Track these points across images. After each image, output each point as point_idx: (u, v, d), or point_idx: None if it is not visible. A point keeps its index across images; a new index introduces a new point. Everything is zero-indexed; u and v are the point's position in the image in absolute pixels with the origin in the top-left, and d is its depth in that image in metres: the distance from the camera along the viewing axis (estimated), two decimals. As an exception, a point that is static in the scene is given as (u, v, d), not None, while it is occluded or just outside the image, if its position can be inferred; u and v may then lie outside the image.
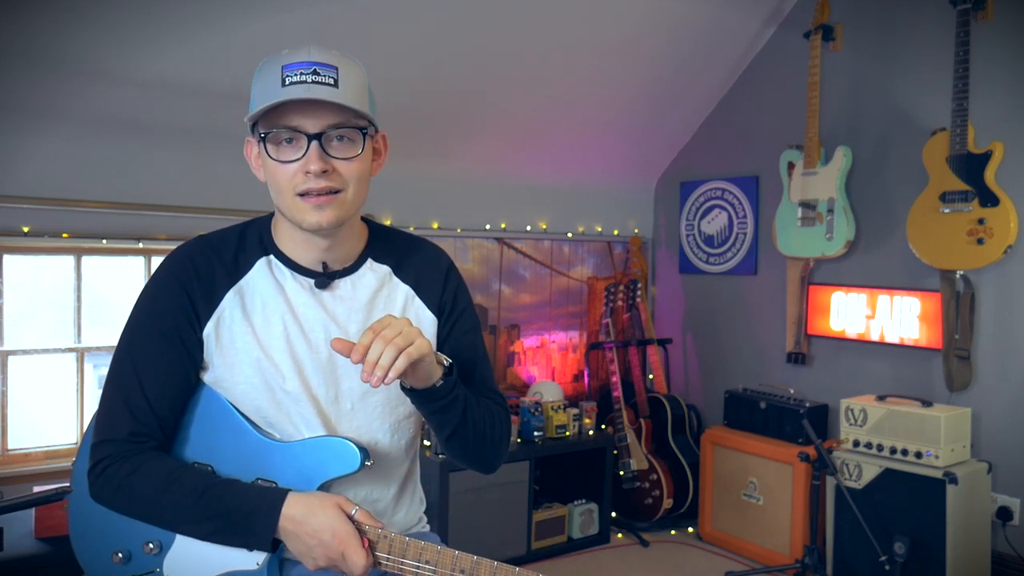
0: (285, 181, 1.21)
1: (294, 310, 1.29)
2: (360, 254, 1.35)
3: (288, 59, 1.19)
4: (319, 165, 1.19)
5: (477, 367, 1.42)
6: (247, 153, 1.30)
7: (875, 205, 3.53)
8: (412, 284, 1.38)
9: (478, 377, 1.41)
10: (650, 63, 3.83)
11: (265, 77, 1.20)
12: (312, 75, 1.17)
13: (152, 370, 1.24)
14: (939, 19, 3.24)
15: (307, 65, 1.18)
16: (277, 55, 1.21)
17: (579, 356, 4.48)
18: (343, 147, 1.22)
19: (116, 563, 1.28)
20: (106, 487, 1.22)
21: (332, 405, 1.30)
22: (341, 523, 1.16)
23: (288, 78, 1.17)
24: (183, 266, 1.27)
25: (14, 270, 2.97)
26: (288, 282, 1.30)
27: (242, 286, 1.29)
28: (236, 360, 1.26)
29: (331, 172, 1.20)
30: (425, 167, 3.80)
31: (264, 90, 1.19)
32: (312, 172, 1.19)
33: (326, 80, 1.18)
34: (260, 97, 1.19)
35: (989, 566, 3.02)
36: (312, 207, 1.21)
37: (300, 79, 1.17)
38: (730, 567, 3.53)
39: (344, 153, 1.22)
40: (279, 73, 1.18)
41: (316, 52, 1.20)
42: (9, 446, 2.99)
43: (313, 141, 1.19)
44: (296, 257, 1.30)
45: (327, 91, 1.17)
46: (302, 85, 1.17)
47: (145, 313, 1.27)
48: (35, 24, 2.54)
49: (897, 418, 3.04)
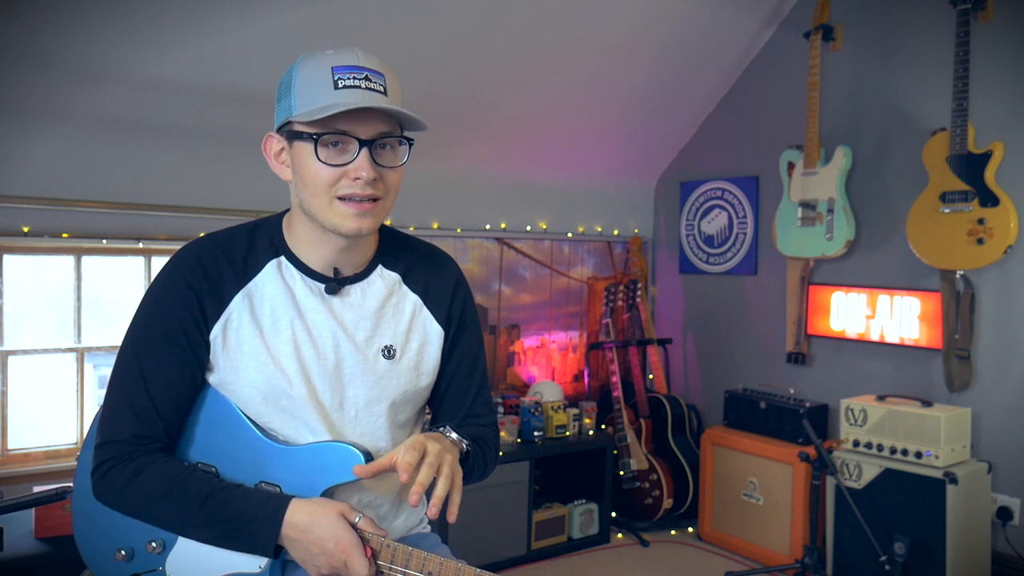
0: (326, 184, 1.20)
1: (303, 315, 1.28)
2: (371, 260, 1.34)
3: (336, 60, 1.18)
4: (370, 173, 1.19)
5: (474, 387, 1.43)
6: (266, 149, 1.28)
7: (875, 205, 3.53)
8: (420, 293, 1.37)
9: (472, 397, 1.42)
10: (650, 63, 3.83)
11: (311, 76, 1.18)
12: (365, 81, 1.18)
13: (157, 371, 1.23)
14: (939, 19, 3.24)
15: (359, 70, 1.18)
16: (321, 54, 1.20)
17: (579, 356, 4.48)
18: (389, 155, 1.23)
19: (119, 560, 1.28)
20: (109, 489, 1.22)
21: (337, 412, 1.29)
22: (344, 531, 1.15)
23: (341, 80, 1.16)
24: (191, 266, 1.25)
25: (14, 270, 2.97)
26: (298, 286, 1.28)
27: (251, 289, 1.27)
28: (242, 363, 1.25)
29: (377, 180, 1.21)
30: (425, 167, 3.79)
31: (314, 91, 1.18)
32: (363, 179, 1.18)
33: (377, 87, 1.19)
34: (308, 96, 1.18)
35: (989, 566, 3.02)
36: (354, 213, 1.21)
37: (354, 83, 1.17)
38: (730, 567, 3.53)
39: (390, 161, 1.23)
40: (329, 75, 1.17)
41: (363, 56, 1.20)
42: (9, 446, 2.99)
43: (364, 148, 1.18)
44: (308, 260, 1.29)
45: (380, 99, 1.18)
46: (356, 90, 1.16)
47: (151, 313, 1.25)
48: (35, 24, 2.54)
49: (897, 418, 3.04)
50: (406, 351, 1.34)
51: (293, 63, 1.23)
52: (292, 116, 1.20)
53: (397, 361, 1.33)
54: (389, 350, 1.32)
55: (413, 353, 1.35)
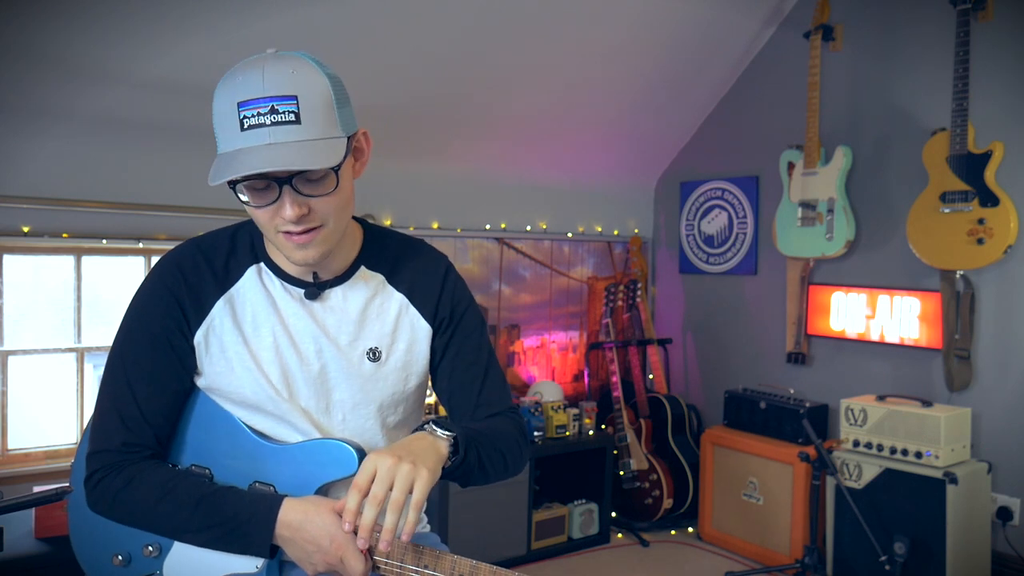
0: (266, 222, 1.16)
1: (284, 321, 1.27)
2: (353, 261, 1.31)
3: (242, 92, 1.09)
4: (294, 211, 1.12)
5: (480, 376, 1.36)
6: None
7: (875, 205, 3.53)
8: (406, 292, 1.34)
9: (479, 387, 1.36)
10: (650, 63, 3.83)
11: (222, 111, 1.11)
12: (270, 114, 1.08)
13: (144, 379, 1.23)
14: (939, 19, 3.24)
15: (264, 102, 1.08)
16: (231, 80, 1.11)
17: (579, 356, 4.48)
18: (316, 185, 1.14)
19: (116, 565, 1.28)
20: (102, 499, 1.22)
21: (323, 416, 1.28)
22: (338, 528, 1.14)
23: (246, 119, 1.08)
24: (172, 273, 1.25)
25: (14, 270, 2.97)
26: (278, 292, 1.27)
27: (232, 294, 1.26)
28: (227, 368, 1.25)
29: (308, 214, 1.15)
30: (425, 167, 3.80)
31: (225, 130, 1.11)
32: (287, 218, 1.13)
33: (286, 117, 1.08)
34: (222, 136, 1.12)
35: (989, 566, 3.02)
36: (296, 246, 1.17)
37: (258, 121, 1.08)
38: (730, 567, 3.53)
39: (318, 191, 1.14)
40: (235, 111, 1.09)
41: (270, 76, 1.09)
42: (9, 446, 2.99)
43: (284, 185, 1.11)
44: (286, 265, 1.27)
45: (289, 132, 1.08)
46: (262, 129, 1.08)
47: (135, 321, 1.26)
48: (35, 24, 2.54)
49: (897, 418, 3.04)
50: (392, 352, 1.32)
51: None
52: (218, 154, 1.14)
53: (383, 363, 1.31)
54: (374, 352, 1.30)
55: (400, 354, 1.33)
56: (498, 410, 1.36)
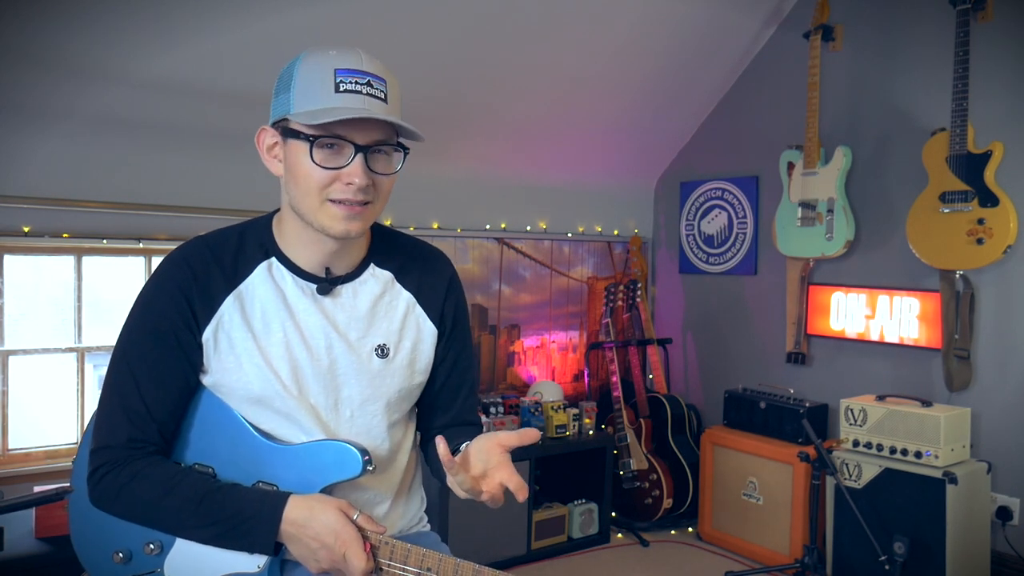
0: (319, 185, 1.19)
1: (295, 316, 1.27)
2: (363, 259, 1.34)
3: (340, 62, 1.17)
4: (364, 179, 1.18)
5: (467, 386, 1.44)
6: (259, 141, 1.26)
7: (875, 205, 3.53)
8: (414, 291, 1.37)
9: (464, 396, 1.43)
10: (650, 63, 3.83)
11: (313, 75, 1.17)
12: (367, 86, 1.17)
13: (150, 375, 1.23)
14: (939, 19, 3.24)
15: (361, 74, 1.17)
16: (324, 53, 1.18)
17: (579, 356, 4.48)
18: (383, 162, 1.22)
19: (117, 563, 1.28)
20: (105, 494, 1.22)
21: (331, 412, 1.29)
22: (343, 525, 1.15)
23: (343, 83, 1.16)
24: (180, 269, 1.25)
25: (14, 270, 2.97)
26: (289, 287, 1.28)
27: (241, 291, 1.27)
28: (235, 365, 1.25)
29: (370, 186, 1.20)
30: (425, 167, 3.79)
31: (314, 91, 1.17)
32: (356, 185, 1.18)
33: (378, 93, 1.18)
34: (308, 96, 1.17)
35: (989, 566, 3.02)
36: (344, 215, 1.20)
37: (355, 88, 1.16)
38: (730, 567, 3.53)
39: (384, 168, 1.23)
40: (331, 76, 1.16)
41: (366, 60, 1.19)
42: (9, 446, 2.99)
43: (360, 153, 1.18)
44: (299, 260, 1.28)
45: (380, 106, 1.18)
46: (357, 96, 1.16)
47: (142, 317, 1.25)
48: (35, 24, 2.54)
49: (897, 418, 3.04)
50: (400, 349, 1.34)
51: (295, 58, 1.22)
52: (289, 113, 1.19)
53: (391, 360, 1.33)
54: (383, 349, 1.32)
55: (407, 351, 1.35)
56: (472, 421, 1.45)
